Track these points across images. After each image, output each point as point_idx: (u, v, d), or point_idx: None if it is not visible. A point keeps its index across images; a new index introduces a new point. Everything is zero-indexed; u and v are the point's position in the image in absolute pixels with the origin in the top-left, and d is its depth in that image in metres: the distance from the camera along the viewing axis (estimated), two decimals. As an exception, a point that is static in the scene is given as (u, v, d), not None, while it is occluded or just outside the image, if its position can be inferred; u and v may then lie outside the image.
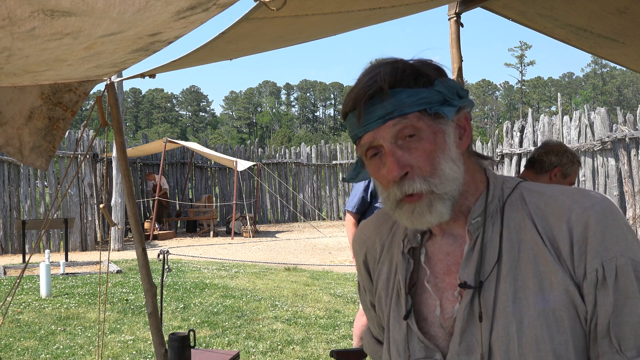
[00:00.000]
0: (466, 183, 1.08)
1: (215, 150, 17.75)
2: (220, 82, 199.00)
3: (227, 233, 15.94)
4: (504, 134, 13.59)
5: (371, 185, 4.02)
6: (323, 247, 13.16)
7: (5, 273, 9.49)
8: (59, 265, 9.45)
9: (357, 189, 4.05)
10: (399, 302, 1.14)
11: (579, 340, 0.99)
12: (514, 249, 1.04)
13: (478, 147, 16.28)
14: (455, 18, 2.51)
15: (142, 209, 16.25)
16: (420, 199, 1.03)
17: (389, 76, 1.02)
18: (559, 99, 13.38)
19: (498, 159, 13.45)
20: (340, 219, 19.50)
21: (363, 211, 4.06)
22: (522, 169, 14.08)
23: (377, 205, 4.03)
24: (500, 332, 1.00)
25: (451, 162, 1.04)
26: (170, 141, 14.62)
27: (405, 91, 1.02)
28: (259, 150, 19.51)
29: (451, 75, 1.15)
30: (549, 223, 1.03)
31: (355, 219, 4.08)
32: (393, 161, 1.02)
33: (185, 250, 12.66)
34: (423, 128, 1.02)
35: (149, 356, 5.15)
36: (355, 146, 1.12)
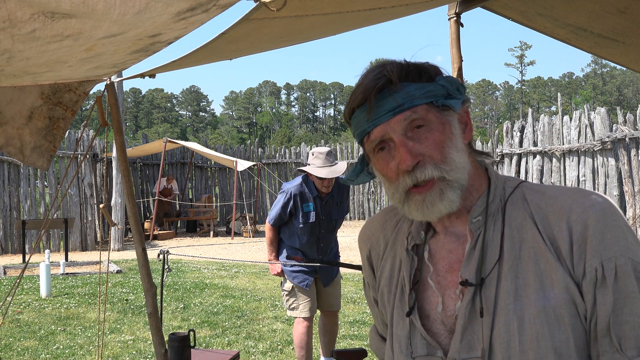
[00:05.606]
0: (471, 177, 1.09)
1: (215, 150, 17.74)
2: (220, 82, 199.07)
3: (227, 233, 15.93)
4: (504, 134, 13.58)
5: (290, 203, 4.25)
6: (323, 247, 13.15)
7: (5, 273, 9.49)
8: (59, 265, 9.46)
9: (277, 205, 4.32)
10: (402, 298, 1.15)
11: (580, 338, 0.99)
12: (515, 248, 1.05)
13: (478, 147, 16.26)
14: (455, 18, 2.51)
15: (142, 209, 16.25)
16: (431, 188, 1.04)
17: (396, 70, 1.05)
18: (559, 99, 13.38)
19: (498, 159, 13.44)
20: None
21: (279, 225, 4.38)
22: (522, 169, 14.05)
23: (296, 224, 4.28)
24: (501, 330, 1.01)
25: (459, 151, 1.06)
26: (170, 141, 14.62)
27: (413, 85, 1.04)
28: (259, 150, 19.51)
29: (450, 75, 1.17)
30: (549, 222, 1.03)
31: (273, 229, 4.39)
32: (405, 151, 1.03)
33: (185, 250, 12.66)
34: (432, 119, 1.05)
35: (149, 356, 5.15)
36: (360, 145, 1.13)
